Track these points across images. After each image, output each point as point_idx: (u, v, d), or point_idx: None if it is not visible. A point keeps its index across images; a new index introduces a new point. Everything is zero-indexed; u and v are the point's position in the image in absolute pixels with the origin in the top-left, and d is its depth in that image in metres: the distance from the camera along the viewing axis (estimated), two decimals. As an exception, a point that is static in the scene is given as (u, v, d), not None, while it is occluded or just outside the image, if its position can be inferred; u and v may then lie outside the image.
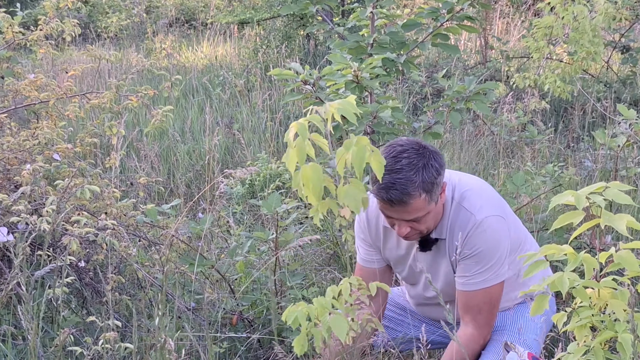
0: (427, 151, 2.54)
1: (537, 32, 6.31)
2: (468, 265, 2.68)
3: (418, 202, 2.51)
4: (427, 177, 2.50)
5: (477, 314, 2.73)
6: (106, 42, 12.57)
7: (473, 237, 2.65)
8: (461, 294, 2.74)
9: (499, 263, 2.68)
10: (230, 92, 8.80)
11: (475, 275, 2.68)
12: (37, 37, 3.77)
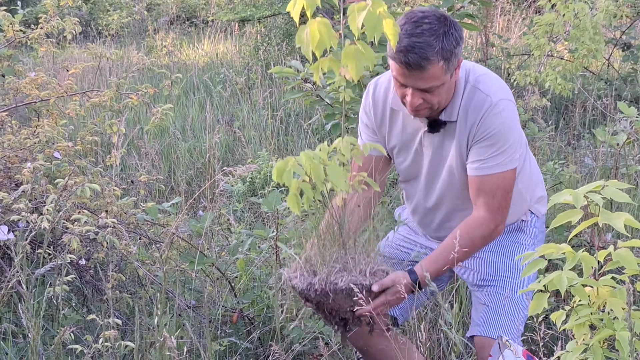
0: (448, 20, 2.49)
1: (538, 29, 6.30)
2: (482, 148, 2.62)
3: (435, 69, 2.46)
4: (447, 44, 2.44)
5: (491, 198, 2.64)
6: (107, 40, 12.56)
7: (489, 118, 2.60)
8: (474, 179, 2.66)
9: (513, 147, 2.63)
10: (231, 90, 8.81)
11: (489, 159, 2.61)
12: (38, 35, 3.77)
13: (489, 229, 2.65)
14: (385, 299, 2.44)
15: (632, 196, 4.55)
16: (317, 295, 2.35)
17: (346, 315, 2.42)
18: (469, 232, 2.65)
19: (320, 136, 7.02)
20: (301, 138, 7.14)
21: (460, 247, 2.55)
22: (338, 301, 2.36)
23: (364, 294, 2.34)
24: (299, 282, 2.37)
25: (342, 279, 2.33)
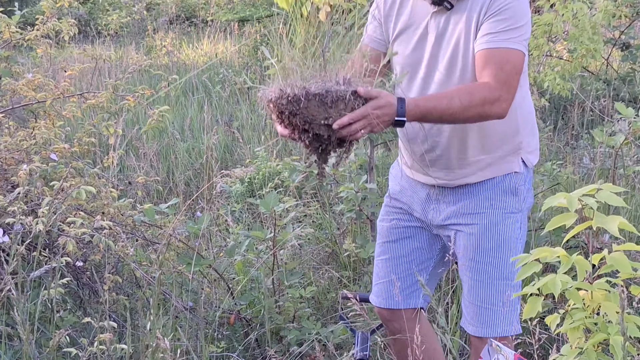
0: None
1: (537, 29, 6.30)
2: (494, 22, 2.54)
3: None
4: None
5: (499, 69, 2.51)
6: (106, 40, 12.57)
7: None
8: (481, 53, 2.55)
9: (525, 29, 2.56)
10: (230, 90, 8.81)
11: (500, 33, 2.52)
12: (35, 36, 3.76)
13: (492, 95, 2.49)
14: (366, 111, 2.25)
15: (630, 196, 4.56)
16: (288, 102, 2.22)
17: (320, 130, 2.26)
18: (471, 88, 2.53)
19: (319, 136, 7.01)
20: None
21: (459, 98, 2.45)
22: (311, 109, 2.22)
23: (341, 98, 2.22)
24: (272, 94, 2.27)
25: (315, 85, 2.22)
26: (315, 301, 4.20)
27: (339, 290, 4.19)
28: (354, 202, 4.33)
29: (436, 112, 2.44)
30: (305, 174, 4.88)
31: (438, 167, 2.77)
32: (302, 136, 2.29)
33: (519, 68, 2.56)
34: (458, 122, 2.57)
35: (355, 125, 2.24)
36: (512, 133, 2.73)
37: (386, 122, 2.32)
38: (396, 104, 2.32)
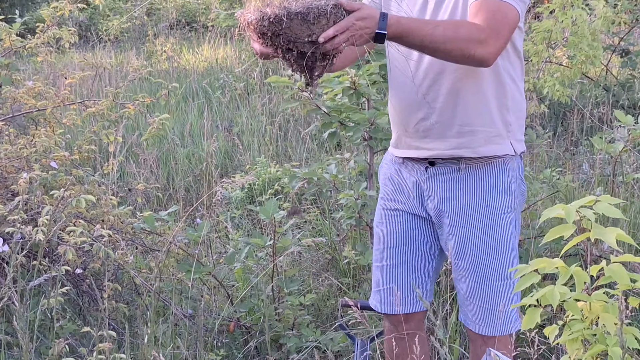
0: None
1: (537, 35, 6.31)
2: None
3: None
4: None
5: (490, 16, 2.47)
6: (107, 45, 12.58)
7: None
8: (475, 4, 2.50)
9: None
10: (230, 96, 8.83)
11: None
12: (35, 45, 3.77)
13: (479, 35, 2.43)
14: (349, 22, 2.23)
15: (630, 203, 4.56)
16: (270, 23, 2.18)
17: (305, 48, 2.23)
18: (459, 22, 2.53)
19: (318, 142, 7.04)
20: (300, 144, 7.16)
21: (444, 27, 2.41)
22: (294, 28, 2.19)
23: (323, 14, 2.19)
24: (251, 16, 2.22)
25: (295, 2, 2.19)
26: (315, 308, 4.21)
27: (338, 298, 4.20)
28: (354, 209, 4.33)
29: (418, 34, 2.38)
30: (305, 181, 4.89)
31: (432, 136, 2.74)
32: (285, 55, 2.27)
33: (512, 22, 2.51)
34: (439, 54, 2.48)
35: (339, 38, 2.22)
36: (503, 106, 2.71)
37: (368, 35, 2.28)
38: (378, 17, 2.29)
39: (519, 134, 2.81)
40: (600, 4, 6.82)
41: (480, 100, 2.68)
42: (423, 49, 2.47)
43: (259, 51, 2.34)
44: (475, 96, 2.68)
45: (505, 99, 2.71)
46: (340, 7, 2.21)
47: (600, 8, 6.73)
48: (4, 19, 4.19)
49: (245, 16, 2.24)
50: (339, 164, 5.10)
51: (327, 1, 2.20)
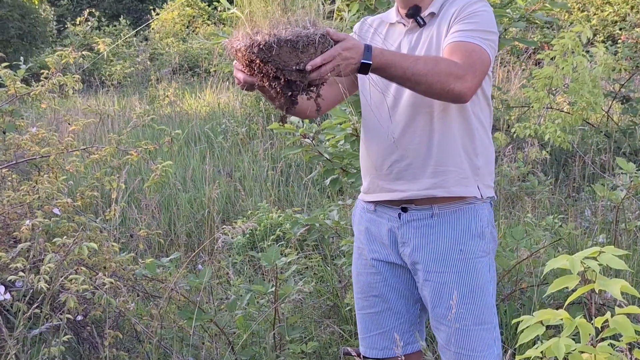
0: None
1: (538, 82, 6.34)
2: (463, 24, 2.63)
3: None
4: None
5: (466, 56, 2.55)
6: (110, 90, 12.65)
7: (472, 3, 2.67)
8: (449, 46, 2.61)
9: (493, 37, 2.65)
10: (232, 141, 8.86)
11: (469, 31, 2.60)
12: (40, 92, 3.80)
13: (458, 70, 2.50)
14: (335, 51, 2.26)
15: (632, 251, 4.55)
16: (260, 50, 2.18)
17: (292, 76, 2.24)
18: (438, 57, 2.59)
19: (320, 187, 7.04)
20: (301, 189, 7.16)
21: (424, 61, 2.47)
22: (283, 56, 2.20)
23: (312, 43, 2.20)
24: (240, 43, 2.22)
25: (285, 30, 2.19)
26: (317, 356, 4.18)
27: (340, 345, 4.17)
28: (356, 255, 4.32)
29: (400, 66, 2.42)
30: (307, 227, 4.88)
31: (406, 178, 2.78)
32: (272, 83, 2.26)
33: (486, 64, 2.59)
34: (420, 87, 2.51)
35: (326, 67, 2.25)
36: (471, 149, 2.76)
37: (353, 65, 2.32)
38: (363, 48, 2.33)
39: (487, 179, 2.84)
40: (601, 51, 6.87)
41: (451, 141, 2.73)
42: (404, 81, 2.50)
43: (243, 80, 2.34)
44: (447, 137, 2.72)
45: (474, 143, 2.76)
46: (327, 37, 2.24)
47: (601, 55, 6.78)
48: (8, 65, 4.21)
49: (234, 43, 2.26)
50: (340, 210, 5.10)
51: (315, 30, 2.22)
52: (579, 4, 14.05)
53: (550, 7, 4.20)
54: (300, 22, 2.24)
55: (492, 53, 2.63)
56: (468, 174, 2.76)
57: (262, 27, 2.22)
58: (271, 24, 2.22)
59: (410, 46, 2.76)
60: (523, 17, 4.25)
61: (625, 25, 12.68)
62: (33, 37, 16.36)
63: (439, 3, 2.74)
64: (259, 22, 2.24)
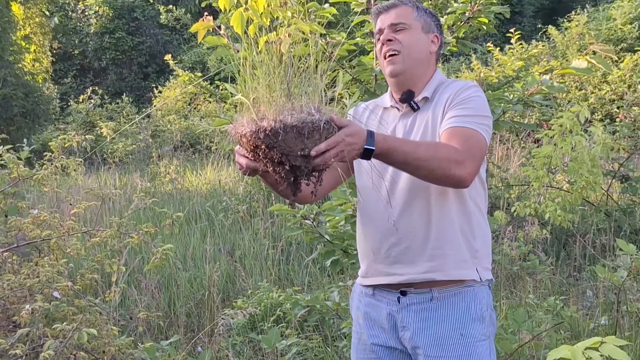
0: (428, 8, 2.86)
1: (537, 161, 6.38)
2: (458, 109, 2.67)
3: (406, 9, 2.80)
4: (419, 5, 2.83)
5: (464, 141, 2.58)
6: (112, 167, 12.72)
7: (465, 90, 2.71)
8: (446, 131, 2.64)
9: (488, 122, 2.68)
10: (233, 218, 8.87)
11: (465, 117, 2.64)
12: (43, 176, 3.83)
13: (457, 156, 2.53)
14: (339, 137, 2.26)
15: (634, 333, 4.52)
16: (266, 136, 2.17)
17: (297, 162, 2.23)
18: (438, 143, 2.61)
19: (321, 266, 7.03)
20: (302, 268, 7.15)
21: (426, 146, 2.51)
22: (289, 142, 2.19)
23: (317, 129, 2.20)
24: (247, 129, 2.21)
25: (291, 117, 2.18)
26: None
27: None
28: (357, 338, 4.29)
29: (402, 151, 2.45)
30: (308, 308, 4.86)
31: (404, 261, 2.77)
32: (276, 168, 2.26)
33: (483, 149, 2.64)
34: (421, 172, 2.53)
35: (330, 152, 2.25)
36: (469, 232, 2.77)
37: (356, 151, 2.34)
38: (366, 134, 2.36)
39: (485, 261, 2.84)
40: (599, 131, 6.93)
41: (449, 224, 2.74)
42: (406, 167, 2.51)
43: (246, 166, 2.35)
44: (445, 221, 2.73)
45: (471, 226, 2.77)
46: (331, 123, 2.25)
47: (599, 134, 6.83)
48: (11, 147, 4.25)
49: (239, 129, 2.26)
50: (341, 291, 5.08)
51: (319, 116, 2.23)
52: (577, 83, 14.21)
53: (548, 90, 4.24)
54: (305, 108, 2.24)
55: (487, 137, 2.67)
56: (466, 257, 2.76)
57: (267, 113, 2.23)
58: (276, 110, 2.22)
59: (405, 130, 2.80)
60: (521, 100, 4.30)
61: (622, 104, 12.81)
62: (36, 115, 16.51)
63: (432, 88, 2.80)
64: (264, 108, 2.25)
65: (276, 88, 2.28)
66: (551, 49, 16.51)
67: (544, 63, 13.63)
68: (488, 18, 4.36)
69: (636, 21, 16.81)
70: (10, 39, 16.24)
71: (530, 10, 26.76)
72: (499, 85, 7.34)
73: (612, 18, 17.42)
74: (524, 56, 13.86)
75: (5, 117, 15.46)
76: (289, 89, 2.29)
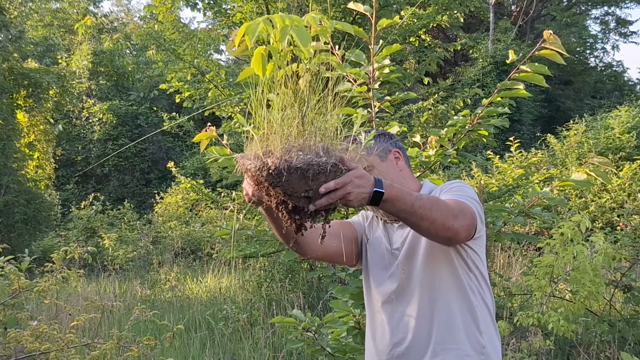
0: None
1: (539, 270, 6.37)
2: (447, 195, 2.75)
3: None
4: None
5: (457, 205, 2.64)
6: (112, 274, 12.68)
7: (451, 183, 2.82)
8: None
9: (476, 203, 2.71)
10: (233, 327, 8.78)
11: (455, 195, 2.72)
12: (43, 287, 3.82)
13: (453, 209, 2.58)
14: (348, 178, 2.24)
15: None
16: (269, 175, 2.15)
17: (300, 202, 2.19)
18: (435, 197, 2.62)
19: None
20: (303, 380, 7.05)
21: (426, 198, 2.53)
22: (292, 183, 2.15)
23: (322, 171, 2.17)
24: (252, 164, 2.18)
25: (297, 157, 2.14)
26: None
27: None
28: None
29: (408, 199, 2.47)
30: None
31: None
32: (279, 207, 2.24)
33: (472, 216, 2.67)
34: (424, 222, 2.53)
35: (338, 192, 2.23)
36: (474, 326, 2.77)
37: (365, 194, 2.33)
38: (373, 179, 2.36)
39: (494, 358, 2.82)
40: (600, 240, 6.93)
41: (450, 320, 2.75)
42: (411, 215, 2.51)
43: (251, 194, 2.33)
44: (446, 316, 2.75)
45: (476, 321, 2.77)
46: (339, 166, 2.23)
47: (601, 244, 6.83)
48: (12, 257, 4.25)
49: (245, 162, 2.24)
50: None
51: (327, 159, 2.21)
52: (577, 191, 14.29)
53: (548, 202, 4.28)
54: (313, 148, 2.22)
55: (477, 211, 2.72)
56: (469, 352, 2.75)
57: (275, 148, 2.21)
58: (284, 148, 2.20)
59: (402, 239, 2.86)
60: (522, 212, 4.33)
61: (623, 212, 12.85)
62: (37, 221, 16.56)
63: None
64: (273, 142, 2.23)
65: (289, 123, 2.27)
66: (550, 157, 16.67)
67: (543, 171, 13.74)
68: (488, 131, 4.43)
69: (634, 130, 17.04)
70: (14, 146, 16.43)
71: (529, 118, 27.15)
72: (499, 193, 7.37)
73: (610, 127, 17.66)
74: (523, 164, 14.00)
75: (6, 223, 15.49)
76: (303, 125, 2.28)
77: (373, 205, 2.39)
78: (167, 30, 13.27)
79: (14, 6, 18.46)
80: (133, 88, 29.90)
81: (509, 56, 4.01)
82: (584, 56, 37.18)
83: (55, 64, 21.48)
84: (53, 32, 30.14)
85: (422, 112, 11.06)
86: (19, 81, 16.80)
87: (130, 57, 31.63)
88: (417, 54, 14.21)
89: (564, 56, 3.35)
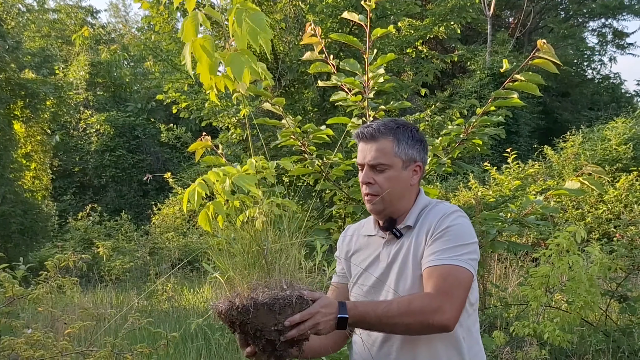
0: (406, 123, 2.81)
1: (534, 280, 6.38)
2: (439, 242, 2.64)
3: (385, 142, 2.73)
4: (402, 132, 2.75)
5: (442, 281, 2.56)
6: (109, 285, 12.66)
7: (447, 218, 2.68)
8: (426, 271, 2.61)
9: (470, 248, 2.64)
10: (230, 337, 8.76)
11: (445, 251, 2.61)
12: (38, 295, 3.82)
13: (432, 304, 2.51)
14: (314, 309, 2.32)
15: None
16: (238, 313, 2.26)
17: (272, 336, 2.29)
18: (410, 297, 2.58)
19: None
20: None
21: (397, 303, 2.50)
22: (260, 318, 2.26)
23: (288, 304, 2.27)
24: (222, 306, 2.30)
25: (262, 294, 2.26)
26: None
27: None
28: None
29: (374, 315, 2.48)
30: None
31: None
32: (255, 341, 2.33)
33: (465, 283, 2.62)
34: (400, 329, 2.55)
35: (305, 324, 2.31)
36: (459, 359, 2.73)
37: (332, 321, 2.38)
38: (337, 304, 2.40)
39: None
40: (596, 250, 6.95)
41: (434, 357, 2.70)
42: (383, 327, 2.56)
43: (239, 345, 2.44)
44: (430, 353, 2.70)
45: (461, 354, 2.74)
46: (303, 298, 2.33)
47: (596, 254, 6.85)
48: (7, 265, 4.25)
49: (217, 306, 2.36)
50: None
51: (291, 292, 2.32)
52: (574, 202, 14.31)
53: (542, 211, 4.29)
54: (277, 284, 2.34)
55: (471, 266, 2.65)
56: None
57: (242, 290, 2.33)
58: (250, 287, 2.32)
59: (388, 261, 2.80)
60: (516, 221, 4.34)
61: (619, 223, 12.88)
62: (34, 232, 16.54)
63: (414, 215, 2.79)
64: (239, 285, 2.35)
65: (251, 264, 2.38)
66: (547, 169, 16.70)
67: (540, 182, 13.77)
68: (482, 140, 4.44)
69: (631, 142, 17.07)
70: (11, 156, 16.42)
71: (526, 130, 27.18)
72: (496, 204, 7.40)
73: (606, 139, 17.70)
74: (520, 175, 14.03)
75: (3, 234, 15.48)
76: (267, 264, 2.38)
77: (340, 329, 2.44)
78: (164, 40, 13.30)
79: (11, 17, 18.53)
80: (130, 99, 29.91)
81: (503, 65, 4.04)
82: (581, 68, 37.24)
83: (52, 75, 21.50)
84: (50, 43, 30.19)
85: (419, 123, 11.10)
86: (16, 92, 16.81)
87: (128, 69, 31.64)
88: (414, 65, 14.24)
89: (558, 66, 3.37)
